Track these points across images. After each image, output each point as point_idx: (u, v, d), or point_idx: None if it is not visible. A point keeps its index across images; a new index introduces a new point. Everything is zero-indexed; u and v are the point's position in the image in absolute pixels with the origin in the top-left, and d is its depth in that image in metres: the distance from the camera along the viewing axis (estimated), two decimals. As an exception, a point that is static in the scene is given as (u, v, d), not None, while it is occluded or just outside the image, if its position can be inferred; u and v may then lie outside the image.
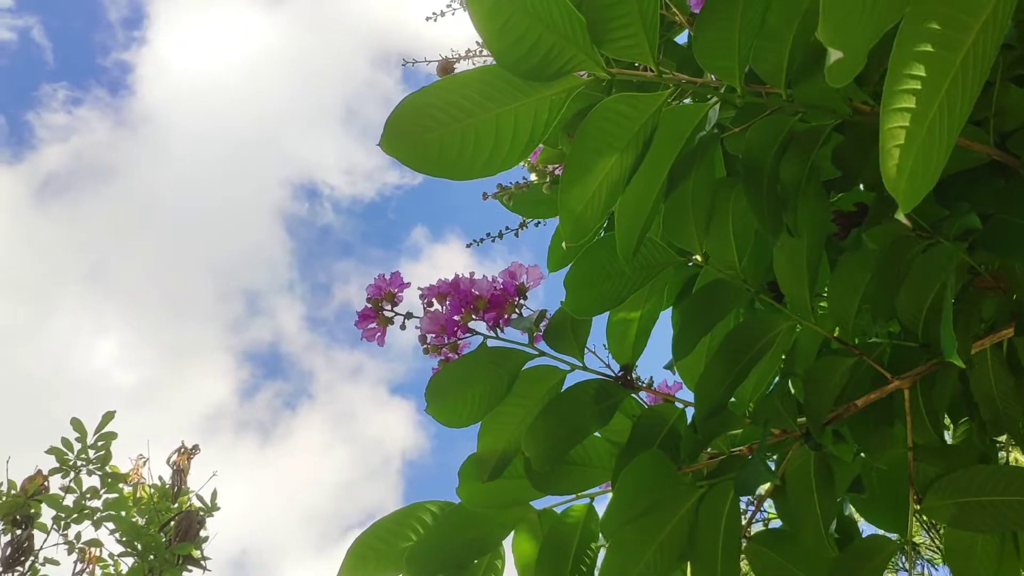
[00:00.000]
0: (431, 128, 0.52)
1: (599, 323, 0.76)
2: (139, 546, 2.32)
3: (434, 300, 0.76)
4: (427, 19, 1.25)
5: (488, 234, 1.27)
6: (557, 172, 0.93)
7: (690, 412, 0.72)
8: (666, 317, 0.83)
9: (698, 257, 0.68)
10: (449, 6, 1.23)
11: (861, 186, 0.75)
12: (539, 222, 1.12)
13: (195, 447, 2.76)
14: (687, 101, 0.65)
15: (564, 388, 0.72)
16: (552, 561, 0.73)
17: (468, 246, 1.32)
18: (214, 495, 2.62)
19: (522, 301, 0.76)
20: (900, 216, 0.34)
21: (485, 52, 1.07)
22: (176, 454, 2.74)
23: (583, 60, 0.54)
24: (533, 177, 1.03)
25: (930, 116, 0.33)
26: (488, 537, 0.76)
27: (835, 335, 0.68)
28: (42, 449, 2.41)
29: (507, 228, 1.24)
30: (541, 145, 0.73)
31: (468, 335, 0.75)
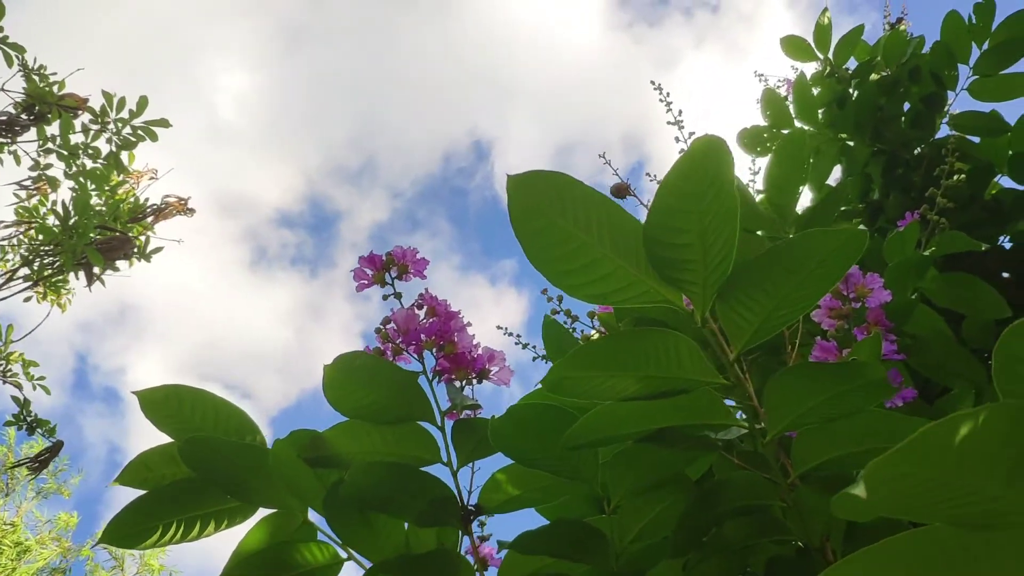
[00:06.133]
0: (557, 207, 0.53)
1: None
2: (73, 220, 2.33)
3: (424, 307, 0.77)
4: (647, 175, 1.33)
5: (519, 337, 1.32)
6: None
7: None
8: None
9: (605, 513, 0.67)
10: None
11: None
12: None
13: (192, 211, 2.77)
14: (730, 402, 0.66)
15: (425, 468, 0.71)
16: (265, 570, 0.72)
17: (498, 328, 1.36)
18: (156, 250, 2.61)
19: (475, 381, 0.76)
20: None
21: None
22: (175, 198, 2.76)
23: (702, 302, 0.55)
24: (593, 326, 1.04)
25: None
26: (254, 493, 0.75)
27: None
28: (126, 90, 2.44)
29: (534, 347, 1.29)
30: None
31: (413, 357, 0.75)
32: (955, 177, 1.54)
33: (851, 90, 1.75)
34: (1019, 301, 1.48)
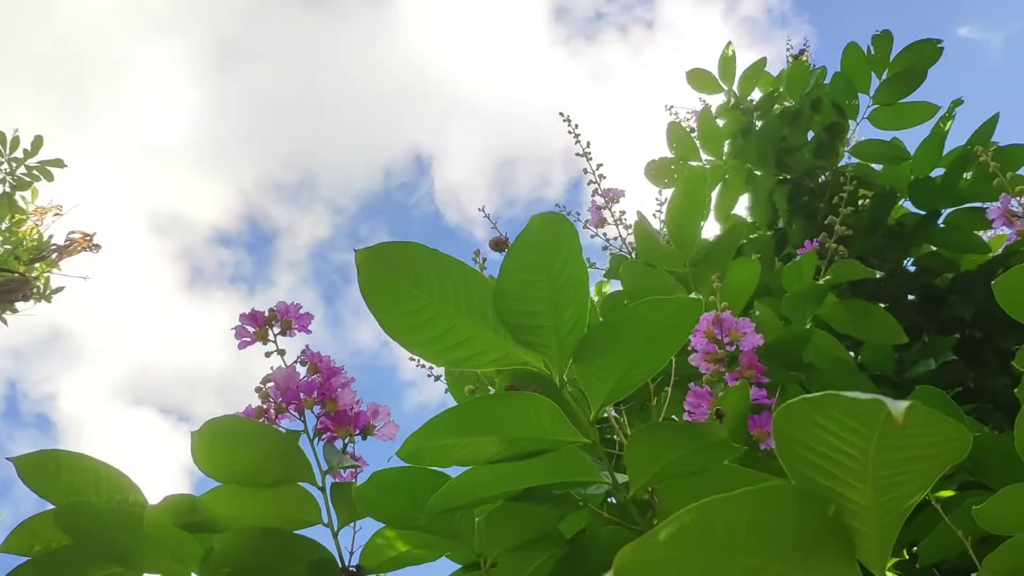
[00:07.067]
0: (410, 278, 0.53)
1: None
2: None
3: (307, 364, 0.76)
4: (556, 206, 1.33)
5: (432, 369, 1.31)
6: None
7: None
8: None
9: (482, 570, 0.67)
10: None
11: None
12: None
13: (98, 247, 2.67)
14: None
15: (303, 531, 0.70)
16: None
17: (411, 359, 1.35)
18: (56, 290, 2.51)
19: (358, 437, 0.75)
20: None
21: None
22: (80, 234, 2.66)
23: (558, 364, 0.56)
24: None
25: None
26: (135, 558, 0.73)
27: None
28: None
29: (441, 380, 1.27)
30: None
31: (295, 415, 0.74)
32: (860, 203, 1.58)
33: (755, 121, 1.80)
34: (923, 324, 1.53)
